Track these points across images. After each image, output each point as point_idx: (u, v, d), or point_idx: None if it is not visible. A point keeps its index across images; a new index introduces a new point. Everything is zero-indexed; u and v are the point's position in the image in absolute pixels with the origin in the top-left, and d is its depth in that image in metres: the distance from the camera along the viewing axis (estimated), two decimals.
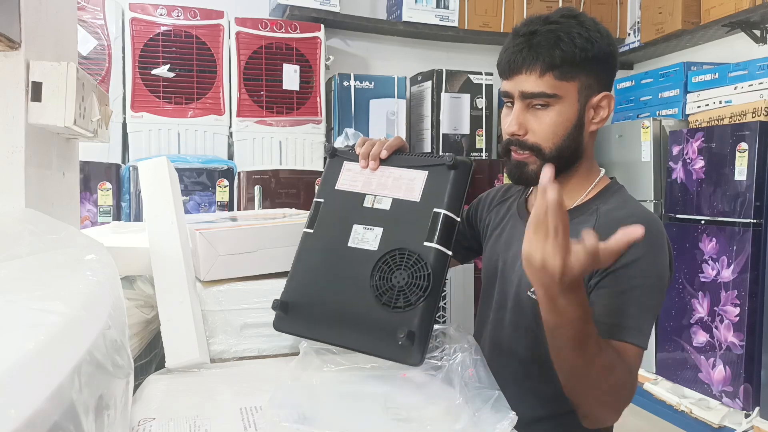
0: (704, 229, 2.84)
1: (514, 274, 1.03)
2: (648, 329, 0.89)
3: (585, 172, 1.02)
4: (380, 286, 0.82)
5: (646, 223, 0.91)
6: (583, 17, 0.96)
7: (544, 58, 0.91)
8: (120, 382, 0.51)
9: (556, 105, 0.93)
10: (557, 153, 0.95)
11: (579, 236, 0.93)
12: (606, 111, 0.97)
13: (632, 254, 0.88)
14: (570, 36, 0.92)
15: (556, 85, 0.92)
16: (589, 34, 0.92)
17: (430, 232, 0.83)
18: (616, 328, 0.88)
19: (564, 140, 0.95)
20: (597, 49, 0.93)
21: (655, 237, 0.91)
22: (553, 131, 0.94)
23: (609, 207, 0.97)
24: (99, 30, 2.70)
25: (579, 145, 0.97)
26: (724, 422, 2.68)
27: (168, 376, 0.91)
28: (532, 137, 0.95)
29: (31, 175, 0.73)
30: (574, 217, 0.98)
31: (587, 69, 0.93)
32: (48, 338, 0.38)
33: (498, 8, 3.50)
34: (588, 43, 0.92)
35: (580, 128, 0.96)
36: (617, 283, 0.89)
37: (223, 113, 2.89)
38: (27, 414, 0.32)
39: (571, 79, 0.93)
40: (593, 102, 0.96)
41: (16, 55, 0.69)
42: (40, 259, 0.55)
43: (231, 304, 1.02)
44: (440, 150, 3.24)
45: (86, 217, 2.55)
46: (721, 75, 3.04)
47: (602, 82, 0.96)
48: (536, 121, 0.95)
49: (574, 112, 0.94)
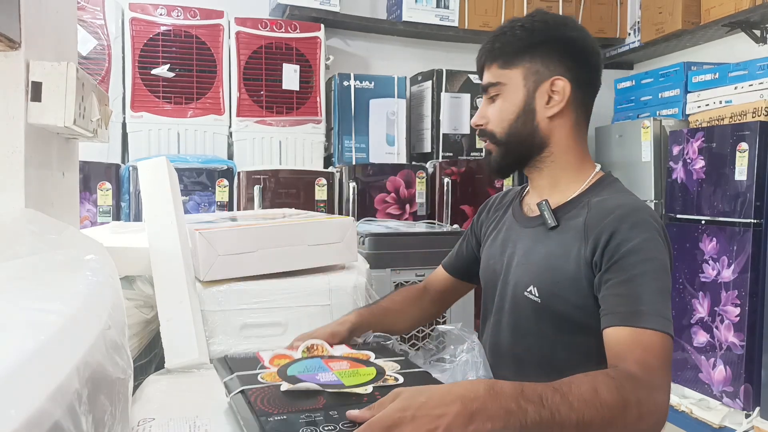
0: (704, 229, 2.84)
1: (510, 275, 1.03)
2: (667, 312, 0.83)
3: (572, 164, 1.02)
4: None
5: (635, 211, 0.91)
6: (539, 13, 1.02)
7: (489, 52, 1.02)
8: (120, 382, 0.51)
9: (503, 92, 1.01)
10: (507, 138, 1.01)
11: (572, 231, 0.94)
12: (560, 95, 0.98)
13: (628, 242, 0.88)
14: (512, 29, 1.00)
15: (500, 74, 1.01)
16: (532, 24, 0.99)
17: None
18: (632, 316, 0.83)
19: (513, 125, 1.00)
20: (539, 37, 0.98)
21: (649, 224, 0.91)
22: (500, 117, 1.01)
23: (600, 198, 0.97)
24: (99, 30, 2.70)
25: (534, 130, 1.00)
26: (724, 422, 2.68)
27: (168, 376, 0.91)
28: (489, 125, 1.03)
29: (31, 175, 0.73)
30: (566, 211, 0.99)
31: (529, 56, 0.99)
32: (48, 338, 0.38)
33: (498, 8, 3.50)
34: (527, 32, 0.99)
35: (531, 113, 1.00)
36: (623, 271, 0.87)
37: (223, 113, 2.89)
38: (27, 414, 0.32)
39: (513, 66, 1.00)
40: (545, 87, 0.99)
41: (16, 55, 0.69)
42: (40, 259, 0.55)
43: (231, 304, 1.02)
44: (440, 150, 3.24)
45: (86, 217, 2.55)
46: (721, 75, 3.04)
47: (553, 68, 0.99)
48: (491, 109, 1.03)
49: (521, 97, 0.99)
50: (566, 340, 0.94)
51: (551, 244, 0.97)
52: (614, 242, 0.88)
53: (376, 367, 0.80)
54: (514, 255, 1.03)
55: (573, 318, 0.93)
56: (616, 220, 0.90)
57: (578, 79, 0.99)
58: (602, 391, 0.71)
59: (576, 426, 0.69)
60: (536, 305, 0.96)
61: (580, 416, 0.69)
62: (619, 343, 0.82)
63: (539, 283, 0.96)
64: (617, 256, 0.87)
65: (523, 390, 0.68)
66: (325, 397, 0.70)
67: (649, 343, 0.80)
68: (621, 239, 0.88)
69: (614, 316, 0.84)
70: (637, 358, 0.79)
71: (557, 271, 0.94)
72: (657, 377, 0.78)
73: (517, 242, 1.04)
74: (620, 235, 0.88)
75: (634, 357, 0.79)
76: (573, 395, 0.70)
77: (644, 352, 0.79)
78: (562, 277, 0.93)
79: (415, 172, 3.05)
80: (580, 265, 0.91)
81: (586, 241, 0.91)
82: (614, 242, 0.88)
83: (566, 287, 0.93)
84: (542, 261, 0.97)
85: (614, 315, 0.84)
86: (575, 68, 0.99)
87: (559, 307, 0.93)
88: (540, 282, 0.96)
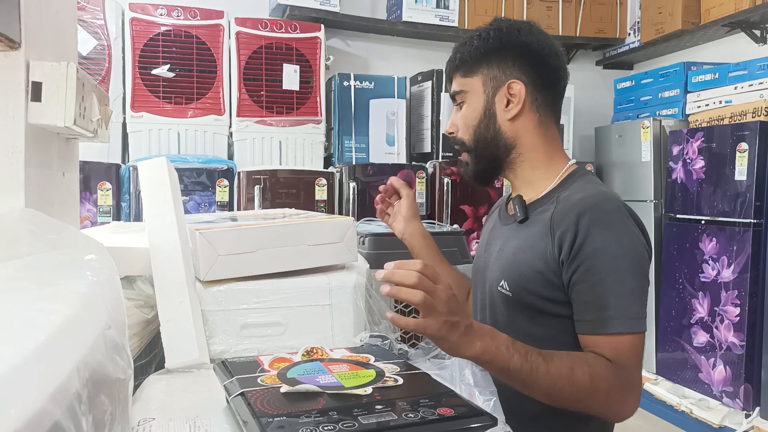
0: (704, 229, 2.84)
1: (488, 271, 1.06)
2: (636, 311, 0.88)
3: (542, 162, 1.04)
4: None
5: (598, 203, 0.92)
6: (496, 21, 1.07)
7: (452, 62, 1.08)
8: (120, 382, 0.51)
9: (467, 99, 1.06)
10: (475, 143, 1.05)
11: (539, 225, 0.96)
12: (517, 98, 1.02)
13: (594, 242, 0.89)
14: (470, 39, 1.05)
15: (463, 82, 1.06)
16: (488, 33, 1.04)
17: None
18: (599, 323, 0.88)
19: (477, 130, 1.04)
20: (493, 45, 1.03)
21: (613, 216, 0.91)
22: (465, 123, 1.06)
23: (568, 193, 0.98)
24: (99, 30, 2.70)
25: (497, 133, 1.03)
26: (724, 422, 2.68)
27: (168, 376, 0.91)
28: (458, 133, 1.08)
29: (31, 175, 0.73)
30: (538, 206, 1.01)
31: (486, 62, 1.03)
32: (48, 338, 0.38)
33: (498, 8, 3.50)
34: (482, 41, 1.04)
35: (492, 117, 1.04)
36: (588, 276, 0.89)
37: (223, 113, 2.89)
38: (27, 414, 0.32)
39: (473, 74, 1.05)
40: (503, 91, 1.03)
41: (16, 55, 0.69)
42: (40, 259, 0.55)
43: (231, 304, 1.02)
44: (440, 150, 3.24)
45: (86, 217, 2.55)
46: (721, 75, 3.04)
47: (510, 72, 1.02)
48: (458, 118, 1.08)
49: (481, 103, 1.04)
50: (540, 331, 0.95)
51: (519, 238, 1.00)
52: (577, 243, 0.90)
53: (375, 369, 0.80)
54: (493, 252, 1.07)
55: (543, 310, 0.95)
56: (578, 217, 0.91)
57: (535, 81, 1.02)
58: (577, 372, 0.82)
59: (547, 390, 0.82)
60: (508, 299, 0.98)
61: (551, 384, 0.81)
62: (592, 347, 0.89)
63: (509, 277, 0.98)
64: (580, 258, 0.90)
65: (514, 342, 0.81)
66: (324, 399, 0.70)
67: (619, 345, 0.87)
68: (583, 239, 0.90)
69: (584, 324, 0.90)
70: (610, 357, 0.86)
71: (524, 264, 0.96)
72: (629, 374, 0.86)
73: (497, 239, 1.08)
74: (582, 234, 0.90)
75: (607, 357, 0.87)
76: (553, 364, 0.82)
77: (615, 353, 0.87)
78: (529, 270, 0.95)
79: (415, 172, 3.05)
80: (546, 261, 0.93)
81: (552, 237, 0.93)
82: (577, 243, 0.90)
83: (533, 280, 0.95)
84: (511, 255, 1.00)
85: (584, 323, 0.90)
86: (531, 71, 1.02)
87: (528, 299, 0.96)
88: (509, 276, 0.98)
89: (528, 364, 0.80)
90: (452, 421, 0.66)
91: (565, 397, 0.83)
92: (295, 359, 0.85)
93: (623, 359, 0.86)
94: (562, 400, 0.84)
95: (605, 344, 0.87)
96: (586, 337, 0.90)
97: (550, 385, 0.81)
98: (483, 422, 0.66)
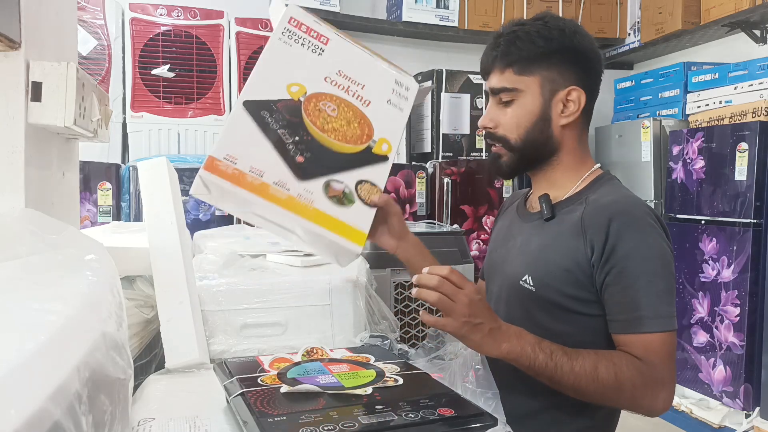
0: (704, 229, 2.84)
1: (508, 265, 1.06)
2: (667, 311, 0.90)
3: (573, 165, 1.04)
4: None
5: (628, 207, 0.94)
6: (550, 18, 1.02)
7: (504, 56, 1.00)
8: (120, 382, 0.51)
9: (518, 99, 1.00)
10: (523, 144, 1.01)
11: (568, 224, 0.96)
12: (575, 105, 1.00)
13: (626, 245, 0.90)
14: (528, 35, 0.99)
15: (516, 80, 1.00)
16: (549, 32, 0.99)
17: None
18: (631, 323, 0.90)
19: (529, 132, 1.00)
20: (556, 46, 0.98)
21: (642, 220, 0.93)
22: (516, 123, 1.01)
23: (596, 196, 0.99)
24: (99, 30, 2.70)
25: (549, 137, 1.01)
26: (724, 422, 2.68)
27: (168, 376, 0.92)
28: (500, 130, 1.02)
29: (31, 175, 0.73)
30: (565, 206, 1.01)
31: (546, 64, 0.99)
32: (48, 338, 0.38)
33: (498, 8, 3.50)
34: (545, 40, 0.98)
35: (547, 121, 1.01)
36: (620, 278, 0.91)
37: (223, 113, 2.89)
38: (27, 414, 0.32)
39: (530, 73, 0.99)
40: (560, 96, 1.00)
41: (16, 55, 0.69)
42: (40, 259, 0.55)
43: (231, 304, 1.02)
44: (440, 150, 3.24)
45: (86, 217, 2.55)
46: (721, 75, 3.04)
47: (568, 76, 1.00)
48: (504, 114, 1.02)
49: (537, 105, 1.00)
50: (559, 328, 0.96)
51: (547, 236, 1.00)
52: (609, 246, 0.91)
53: (375, 369, 0.80)
54: (513, 246, 1.06)
55: (566, 307, 0.96)
56: (609, 220, 0.92)
57: (589, 88, 1.02)
58: (601, 370, 0.86)
59: (572, 387, 0.87)
60: (531, 294, 0.98)
61: (576, 381, 0.86)
62: (625, 346, 0.91)
63: (533, 272, 0.98)
64: (612, 261, 0.91)
65: (540, 342, 0.87)
66: (325, 399, 0.70)
67: (649, 344, 0.89)
68: (614, 243, 0.91)
69: (617, 324, 0.92)
70: (640, 355, 0.89)
71: (551, 261, 0.97)
72: (658, 371, 0.89)
73: (517, 235, 1.07)
74: (614, 238, 0.91)
75: (638, 355, 0.90)
76: (577, 363, 0.86)
77: (646, 352, 0.89)
78: (555, 267, 0.96)
79: (415, 172, 3.05)
80: (576, 260, 0.94)
81: (584, 238, 0.94)
82: (609, 246, 0.91)
83: (559, 277, 0.95)
84: (537, 251, 1.00)
85: (617, 323, 0.92)
86: (586, 77, 1.01)
87: (552, 296, 0.96)
88: (534, 271, 0.98)
89: (552, 363, 0.85)
90: (452, 421, 0.66)
91: (590, 394, 0.88)
92: (295, 359, 0.85)
93: (653, 357, 0.89)
94: (588, 396, 0.88)
95: (637, 343, 0.89)
96: (619, 336, 0.92)
97: (575, 383, 0.86)
98: (483, 422, 0.67)
